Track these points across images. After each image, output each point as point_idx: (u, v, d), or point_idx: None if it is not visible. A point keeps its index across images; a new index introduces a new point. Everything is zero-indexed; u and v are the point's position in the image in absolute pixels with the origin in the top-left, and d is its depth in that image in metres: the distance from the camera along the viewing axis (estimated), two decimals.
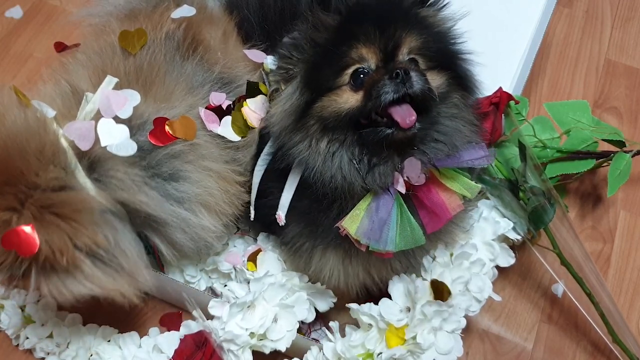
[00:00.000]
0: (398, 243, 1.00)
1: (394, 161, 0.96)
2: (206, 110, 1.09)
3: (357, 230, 0.98)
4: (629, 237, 1.50)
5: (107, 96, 1.00)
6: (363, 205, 0.99)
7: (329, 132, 0.97)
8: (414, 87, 0.91)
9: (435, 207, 1.00)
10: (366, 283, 1.12)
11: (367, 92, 0.93)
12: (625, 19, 1.88)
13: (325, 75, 0.96)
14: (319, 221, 1.04)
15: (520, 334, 1.36)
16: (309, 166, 0.98)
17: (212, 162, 1.06)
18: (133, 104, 1.00)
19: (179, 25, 1.14)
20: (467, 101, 1.03)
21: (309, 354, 1.16)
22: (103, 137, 0.96)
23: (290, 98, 0.99)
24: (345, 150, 0.96)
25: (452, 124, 1.00)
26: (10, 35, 1.80)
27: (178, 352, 1.15)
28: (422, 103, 0.94)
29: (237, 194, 1.11)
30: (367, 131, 0.95)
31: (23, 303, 1.29)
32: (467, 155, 1.01)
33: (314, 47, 0.99)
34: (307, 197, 1.04)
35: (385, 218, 0.98)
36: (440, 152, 0.98)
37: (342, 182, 0.97)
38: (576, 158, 1.35)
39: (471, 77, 1.03)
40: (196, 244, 1.09)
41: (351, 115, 0.95)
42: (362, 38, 0.95)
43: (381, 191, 0.98)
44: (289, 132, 0.99)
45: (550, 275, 1.31)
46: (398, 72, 0.90)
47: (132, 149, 0.97)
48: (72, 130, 0.95)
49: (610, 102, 1.71)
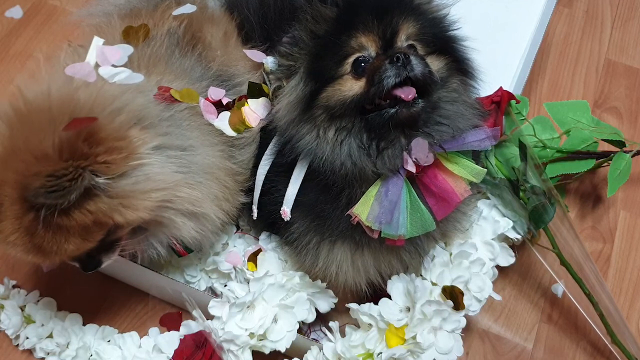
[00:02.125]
0: (409, 228, 1.01)
1: (401, 143, 0.97)
2: (205, 100, 1.09)
3: (368, 216, 0.99)
4: (629, 237, 1.50)
5: (102, 51, 1.02)
6: (373, 191, 1.00)
7: (336, 121, 0.98)
8: (414, 70, 0.93)
9: (442, 193, 1.01)
10: (373, 278, 1.12)
11: (370, 79, 0.95)
12: (625, 19, 1.88)
13: (327, 65, 0.98)
14: (327, 213, 1.05)
15: (520, 334, 1.36)
16: (318, 156, 0.99)
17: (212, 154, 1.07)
18: (127, 53, 1.02)
19: (180, 23, 1.15)
20: (467, 86, 1.05)
21: (309, 354, 1.16)
22: (107, 76, 0.98)
23: (295, 90, 1.01)
24: (353, 138, 0.97)
25: (454, 108, 1.01)
26: (10, 35, 1.80)
27: (178, 352, 1.15)
28: (423, 87, 0.96)
29: (234, 190, 1.11)
30: (372, 115, 0.96)
31: (23, 303, 1.30)
32: (471, 137, 1.02)
33: (314, 39, 1.01)
34: (313, 190, 1.04)
35: (396, 200, 0.99)
36: (444, 134, 0.99)
37: (352, 169, 0.98)
38: (576, 158, 1.35)
39: (469, 60, 1.05)
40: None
41: (356, 102, 0.96)
42: (360, 27, 0.97)
43: (390, 174, 0.99)
44: (297, 124, 1.00)
45: (550, 275, 1.31)
46: (398, 56, 0.92)
47: (139, 77, 0.98)
48: (74, 70, 0.96)
49: (610, 102, 1.71)
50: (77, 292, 1.37)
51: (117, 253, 1.04)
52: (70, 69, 0.97)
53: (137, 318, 1.36)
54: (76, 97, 0.92)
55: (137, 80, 1.00)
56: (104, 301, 1.37)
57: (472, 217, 1.20)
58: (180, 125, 1.03)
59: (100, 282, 1.39)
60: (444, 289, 1.13)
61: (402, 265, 1.13)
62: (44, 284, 1.37)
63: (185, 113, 1.04)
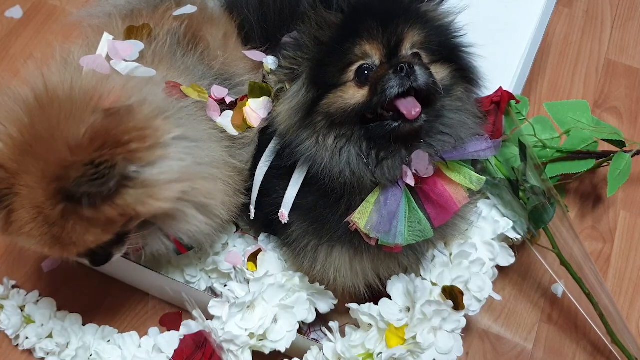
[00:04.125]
0: (407, 237, 1.01)
1: (401, 155, 0.97)
2: (210, 98, 1.10)
3: (366, 224, 0.99)
4: (629, 237, 1.50)
5: (113, 45, 1.03)
6: (372, 199, 0.99)
7: (336, 128, 0.97)
8: (418, 80, 0.92)
9: (441, 200, 1.01)
10: (372, 282, 1.12)
11: (373, 87, 0.94)
12: (625, 19, 1.88)
13: (330, 72, 0.97)
14: (326, 218, 1.04)
15: (520, 334, 1.36)
16: (317, 162, 0.98)
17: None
18: (138, 49, 1.03)
19: (181, 23, 1.15)
20: (471, 94, 1.05)
21: (309, 354, 1.16)
22: (120, 70, 0.99)
23: (297, 96, 1.00)
24: (352, 146, 0.97)
25: (457, 117, 1.01)
26: (10, 35, 1.80)
27: (178, 352, 1.15)
28: (427, 97, 0.95)
29: (237, 187, 1.11)
30: (373, 125, 0.96)
31: (23, 303, 1.30)
32: (472, 147, 1.02)
33: (318, 46, 1.00)
34: (313, 194, 1.04)
35: (394, 210, 0.99)
36: (446, 145, 0.99)
37: (350, 177, 0.97)
38: (576, 158, 1.35)
39: (474, 69, 1.04)
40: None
41: (357, 111, 0.96)
42: (365, 35, 0.96)
43: (390, 184, 0.98)
44: (296, 130, 1.00)
45: (550, 275, 1.31)
46: (402, 66, 0.92)
47: (152, 72, 0.99)
48: (88, 61, 0.97)
49: (610, 102, 1.71)
50: (77, 292, 1.37)
51: (127, 247, 1.03)
52: (84, 60, 0.98)
53: (137, 318, 1.36)
54: (100, 88, 0.92)
55: (150, 74, 1.00)
56: (104, 301, 1.37)
57: (471, 221, 1.20)
58: (191, 119, 1.03)
59: (100, 282, 1.39)
60: (444, 289, 1.13)
61: (401, 268, 1.13)
62: (43, 284, 1.37)
63: (193, 107, 1.04)
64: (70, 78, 0.93)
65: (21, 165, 0.87)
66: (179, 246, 1.12)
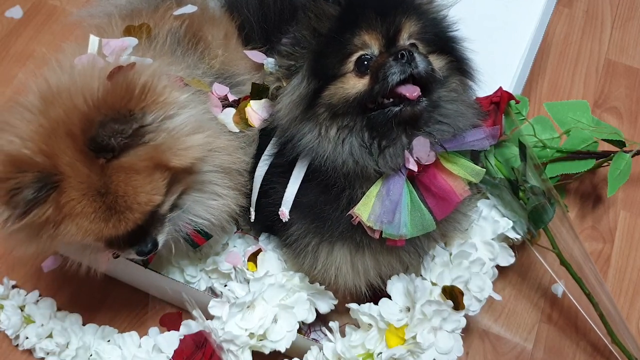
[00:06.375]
0: (410, 229, 1.01)
1: (402, 142, 0.98)
2: (211, 94, 1.10)
3: (369, 216, 0.99)
4: (629, 237, 1.50)
5: (107, 42, 1.03)
6: (374, 191, 1.00)
7: (338, 119, 0.98)
8: (418, 67, 0.94)
9: (442, 193, 1.02)
10: (373, 281, 1.12)
11: (374, 76, 0.95)
12: (625, 19, 1.88)
13: (330, 63, 0.98)
14: (327, 214, 1.04)
15: (520, 334, 1.36)
16: (320, 154, 0.99)
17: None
18: (132, 44, 1.05)
19: (181, 23, 1.15)
20: (466, 86, 1.06)
21: (309, 354, 1.16)
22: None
23: (298, 88, 1.01)
24: (355, 136, 0.98)
25: (454, 107, 1.02)
26: (10, 35, 1.80)
27: (178, 352, 1.15)
28: (425, 85, 0.96)
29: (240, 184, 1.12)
30: (375, 114, 0.96)
31: (23, 303, 1.30)
32: (470, 137, 1.03)
33: (317, 37, 1.01)
34: (313, 191, 1.04)
35: (397, 199, 0.99)
36: (445, 134, 1.00)
37: (354, 167, 0.98)
38: (576, 158, 1.35)
39: (468, 60, 1.05)
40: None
41: (359, 100, 0.97)
42: (364, 25, 0.97)
43: (391, 173, 0.99)
44: (298, 123, 1.00)
45: (550, 275, 1.31)
46: (403, 53, 0.93)
47: (148, 61, 0.99)
48: (82, 61, 0.99)
49: (610, 102, 1.71)
50: (77, 292, 1.37)
51: (167, 231, 1.04)
52: (77, 60, 0.99)
53: (137, 318, 1.36)
54: (100, 65, 0.95)
55: (147, 63, 1.01)
56: (104, 301, 1.38)
57: (472, 218, 1.20)
58: (195, 102, 1.04)
59: (100, 282, 1.38)
60: (444, 289, 1.13)
61: (403, 266, 1.13)
62: (43, 284, 1.37)
63: (198, 94, 1.05)
64: (68, 70, 0.95)
65: (55, 146, 0.88)
66: (197, 238, 1.12)
